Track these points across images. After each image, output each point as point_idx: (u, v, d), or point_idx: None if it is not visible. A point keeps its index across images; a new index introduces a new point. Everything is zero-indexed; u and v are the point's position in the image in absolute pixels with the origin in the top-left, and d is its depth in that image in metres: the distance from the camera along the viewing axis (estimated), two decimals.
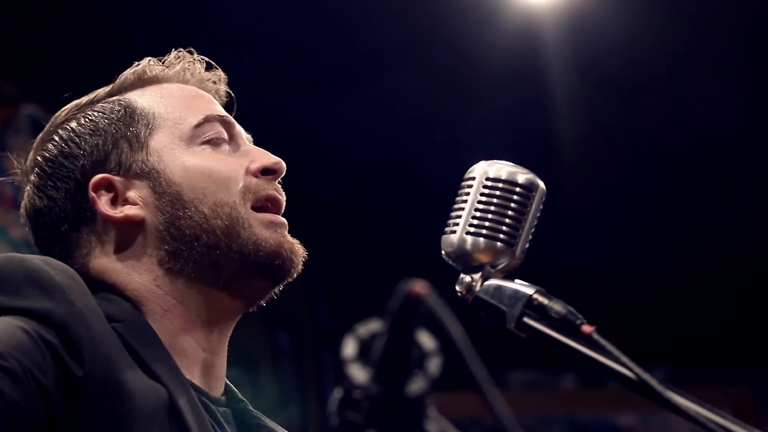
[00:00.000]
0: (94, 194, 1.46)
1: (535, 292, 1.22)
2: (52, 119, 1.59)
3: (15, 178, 1.60)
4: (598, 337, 1.16)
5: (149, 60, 1.61)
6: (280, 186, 1.51)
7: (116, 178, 1.46)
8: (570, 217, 4.50)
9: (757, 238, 4.99)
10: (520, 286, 1.24)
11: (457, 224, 1.28)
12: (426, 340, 0.89)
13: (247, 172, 1.48)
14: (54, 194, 1.50)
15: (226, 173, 1.46)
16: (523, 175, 1.29)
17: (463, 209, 1.28)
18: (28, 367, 1.19)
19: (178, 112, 1.51)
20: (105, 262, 1.45)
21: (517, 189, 1.28)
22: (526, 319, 1.21)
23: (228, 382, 1.50)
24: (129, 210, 1.45)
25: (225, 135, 1.51)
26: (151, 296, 1.42)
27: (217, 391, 1.46)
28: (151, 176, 1.46)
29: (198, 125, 1.49)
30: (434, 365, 0.88)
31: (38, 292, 1.26)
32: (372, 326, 0.90)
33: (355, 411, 0.90)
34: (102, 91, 1.59)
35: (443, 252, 1.29)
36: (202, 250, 1.42)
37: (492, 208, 1.27)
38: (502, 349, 2.71)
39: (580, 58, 4.09)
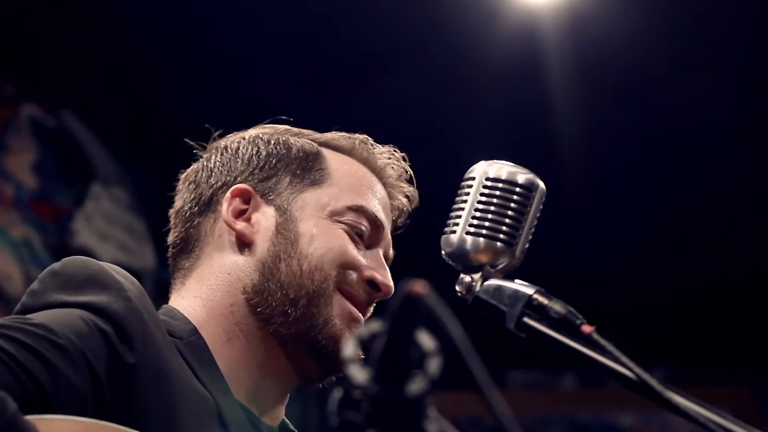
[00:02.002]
0: (230, 196, 1.53)
1: (535, 292, 1.22)
2: (260, 127, 1.64)
3: (202, 149, 1.64)
4: (598, 337, 1.16)
5: (365, 138, 1.65)
6: (371, 307, 1.54)
7: (258, 196, 1.53)
8: (570, 217, 4.50)
9: (757, 238, 4.99)
10: (520, 286, 1.24)
11: (457, 224, 1.28)
12: (426, 340, 0.89)
13: (358, 270, 1.52)
14: (208, 178, 1.57)
15: (342, 252, 1.50)
16: (523, 175, 1.29)
17: (463, 209, 1.28)
18: (81, 349, 1.23)
19: (347, 188, 1.56)
20: (205, 262, 1.51)
21: (517, 189, 1.28)
22: (526, 319, 1.21)
23: (285, 420, 1.54)
24: (245, 228, 1.51)
25: (366, 232, 1.55)
26: (223, 319, 1.47)
27: (272, 422, 1.50)
28: (284, 214, 1.52)
29: (351, 208, 1.54)
30: (434, 365, 0.88)
31: (98, 289, 1.31)
32: (372, 326, 0.90)
33: (355, 411, 0.90)
34: (310, 132, 1.64)
35: (443, 252, 1.30)
36: (282, 299, 1.47)
37: (492, 208, 1.27)
38: (502, 349, 2.71)
39: (580, 58, 4.09)
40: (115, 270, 1.35)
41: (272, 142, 1.59)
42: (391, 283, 1.54)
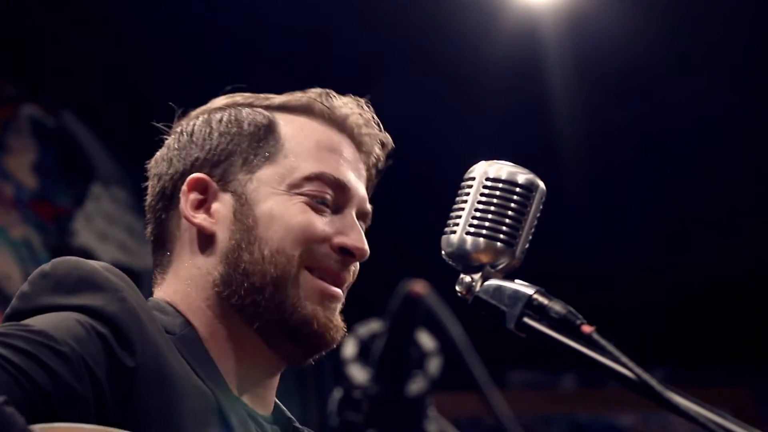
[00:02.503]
0: (186, 189, 1.49)
1: (535, 292, 1.22)
2: (214, 100, 1.60)
3: (166, 131, 1.60)
4: (598, 337, 1.16)
5: (323, 92, 1.59)
6: (353, 269, 1.50)
7: (213, 184, 1.49)
8: (570, 217, 4.49)
9: (757, 238, 4.99)
10: (520, 286, 1.24)
11: (457, 224, 1.28)
12: (426, 340, 0.89)
13: (328, 239, 1.47)
14: (167, 167, 1.53)
15: (303, 227, 1.46)
16: (523, 175, 1.29)
17: (463, 209, 1.28)
18: (81, 355, 1.21)
19: (303, 157, 1.50)
20: (182, 258, 1.48)
21: (517, 189, 1.28)
22: (526, 319, 1.21)
23: (277, 401, 1.52)
24: (204, 221, 1.47)
25: (330, 198, 1.49)
26: (202, 316, 1.45)
27: (265, 411, 1.48)
28: (240, 200, 1.47)
29: (308, 178, 1.49)
30: (434, 365, 0.88)
31: (92, 291, 1.29)
32: (372, 326, 0.90)
33: (355, 411, 0.90)
34: (264, 98, 1.59)
35: (443, 252, 1.29)
36: (249, 288, 1.44)
37: (492, 208, 1.27)
38: (502, 349, 2.71)
39: (580, 58, 4.09)
40: (107, 269, 1.33)
41: (224, 119, 1.53)
42: (363, 244, 1.49)
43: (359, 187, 1.54)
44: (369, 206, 1.56)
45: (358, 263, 1.51)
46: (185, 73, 4.07)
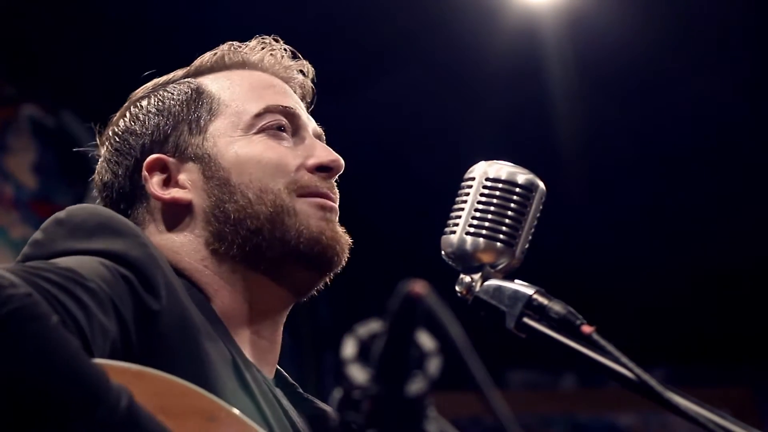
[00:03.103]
0: (147, 173, 1.49)
1: (534, 293, 1.22)
2: (131, 95, 1.61)
3: (94, 150, 1.63)
4: (597, 337, 1.16)
5: (231, 45, 1.61)
6: (334, 184, 1.52)
7: (171, 159, 1.49)
8: (570, 217, 4.49)
9: (757, 238, 4.99)
10: (519, 286, 1.24)
11: (456, 224, 1.28)
12: (425, 340, 0.89)
13: (302, 166, 1.49)
14: (117, 170, 1.54)
15: (275, 161, 1.47)
16: (522, 176, 1.29)
17: (462, 209, 1.28)
18: (108, 293, 1.20)
19: (243, 100, 1.52)
20: (158, 239, 1.47)
21: (517, 189, 1.28)
22: (525, 320, 1.21)
23: (279, 368, 1.52)
24: (177, 193, 1.48)
25: (286, 125, 1.52)
26: (201, 276, 1.44)
27: (269, 374, 1.48)
28: (203, 160, 1.48)
29: (258, 114, 1.51)
30: (434, 365, 0.88)
31: (113, 236, 1.28)
32: (372, 326, 0.90)
33: (355, 411, 0.90)
34: (180, 71, 1.60)
35: (443, 252, 1.29)
36: (245, 234, 1.44)
37: (492, 208, 1.27)
38: (502, 349, 2.71)
39: (580, 58, 4.09)
40: (124, 218, 1.32)
41: (152, 102, 1.55)
42: (335, 155, 1.51)
43: (303, 112, 1.57)
44: (320, 128, 1.59)
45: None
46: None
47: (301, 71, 1.64)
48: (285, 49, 1.63)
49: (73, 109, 4.27)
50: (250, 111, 1.51)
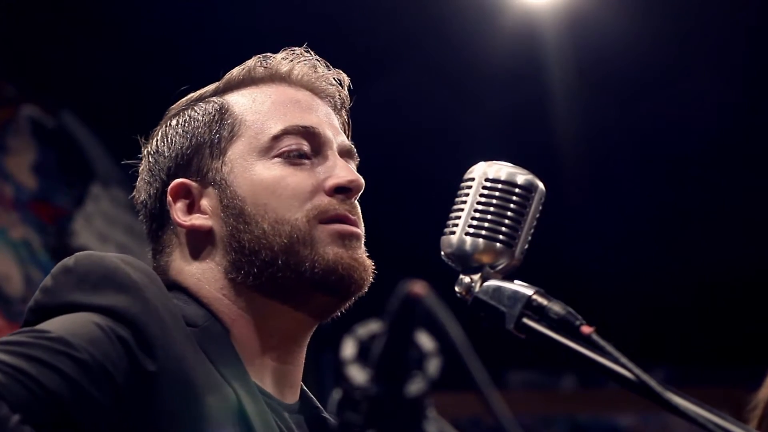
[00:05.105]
0: (171, 199, 1.47)
1: (534, 293, 1.22)
2: (168, 110, 1.58)
3: (138, 163, 1.60)
4: (597, 337, 1.16)
5: (259, 58, 1.58)
6: (356, 204, 1.47)
7: (194, 184, 1.47)
8: (570, 217, 4.50)
9: (757, 239, 4.99)
10: (519, 286, 1.23)
11: (456, 225, 1.28)
12: (425, 340, 0.89)
13: (320, 188, 1.45)
14: (149, 190, 1.52)
15: (291, 189, 1.43)
16: (522, 176, 1.29)
17: (462, 210, 1.28)
18: (100, 360, 1.20)
19: (263, 120, 1.48)
20: (182, 265, 1.46)
21: (517, 190, 1.28)
22: (525, 320, 1.21)
23: (304, 388, 1.51)
24: (197, 220, 1.45)
25: (306, 148, 1.47)
26: (220, 306, 1.43)
27: (291, 399, 1.47)
28: (221, 186, 1.45)
29: (276, 137, 1.46)
30: (433, 366, 0.88)
31: (115, 290, 1.27)
32: (371, 327, 0.90)
33: (355, 411, 0.90)
34: (212, 86, 1.57)
35: (442, 253, 1.29)
36: (260, 265, 1.41)
37: (491, 208, 1.27)
38: (502, 349, 2.71)
39: (580, 58, 4.09)
40: (129, 264, 1.31)
41: (179, 122, 1.52)
42: (354, 175, 1.46)
43: (330, 128, 1.51)
44: (349, 142, 1.54)
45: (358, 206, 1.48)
46: (185, 73, 4.06)
47: (336, 81, 1.59)
48: (317, 60, 1.59)
49: (73, 109, 4.28)
50: (269, 132, 1.47)
